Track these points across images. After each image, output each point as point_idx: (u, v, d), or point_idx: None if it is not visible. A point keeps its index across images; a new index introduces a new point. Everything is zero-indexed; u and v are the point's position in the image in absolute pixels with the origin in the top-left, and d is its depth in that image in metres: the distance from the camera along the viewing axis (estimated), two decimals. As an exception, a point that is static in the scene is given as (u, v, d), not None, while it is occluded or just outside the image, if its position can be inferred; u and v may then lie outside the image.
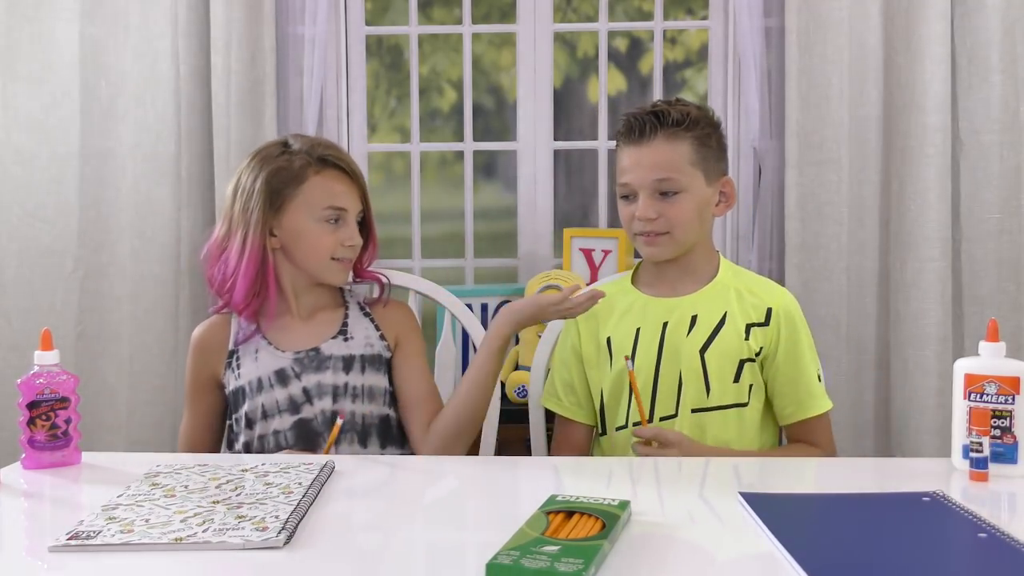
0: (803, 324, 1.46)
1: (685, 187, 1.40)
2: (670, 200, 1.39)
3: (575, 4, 2.45)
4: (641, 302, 1.48)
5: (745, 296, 1.44)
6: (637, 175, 1.40)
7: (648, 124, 1.39)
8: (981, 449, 1.08)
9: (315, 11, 2.11)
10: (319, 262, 1.44)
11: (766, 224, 2.11)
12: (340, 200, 1.43)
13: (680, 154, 1.40)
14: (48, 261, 2.13)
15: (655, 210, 1.39)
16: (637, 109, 1.44)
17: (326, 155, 1.44)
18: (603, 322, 1.48)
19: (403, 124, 2.42)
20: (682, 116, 1.40)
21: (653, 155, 1.39)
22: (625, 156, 1.43)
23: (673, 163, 1.39)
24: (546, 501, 0.95)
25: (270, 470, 1.13)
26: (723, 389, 1.40)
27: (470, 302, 2.09)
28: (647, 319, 1.45)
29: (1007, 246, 2.01)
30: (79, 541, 0.89)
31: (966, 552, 0.89)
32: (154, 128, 2.12)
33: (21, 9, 2.11)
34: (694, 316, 1.43)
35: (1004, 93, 1.99)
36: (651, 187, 1.39)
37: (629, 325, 1.46)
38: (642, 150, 1.40)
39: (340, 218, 1.43)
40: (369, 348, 1.46)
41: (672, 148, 1.39)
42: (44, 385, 1.19)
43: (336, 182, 1.44)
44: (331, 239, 1.43)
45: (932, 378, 1.98)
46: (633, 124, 1.41)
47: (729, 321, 1.42)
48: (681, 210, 1.40)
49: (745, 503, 0.99)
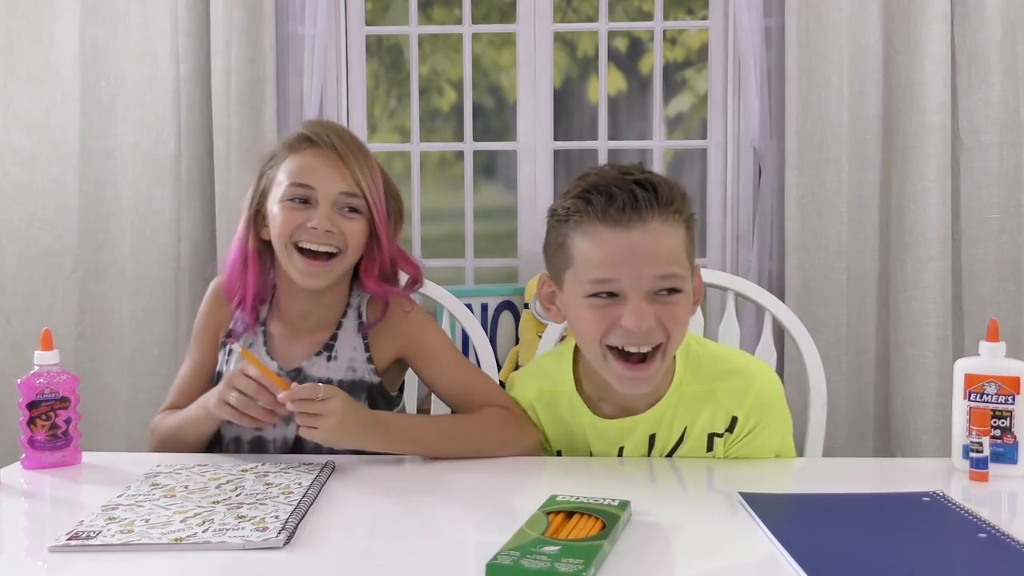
0: (776, 415, 1.21)
1: (684, 286, 1.09)
2: (668, 301, 1.08)
3: (575, 4, 2.45)
4: (589, 421, 1.21)
5: (706, 404, 1.19)
6: (631, 270, 1.06)
7: (640, 197, 1.06)
8: (981, 449, 1.08)
9: (315, 11, 2.11)
10: (280, 248, 1.24)
11: (766, 224, 2.11)
12: (306, 176, 1.23)
13: (678, 241, 1.09)
14: (48, 261, 2.13)
15: (652, 315, 1.07)
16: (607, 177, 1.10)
17: (304, 133, 1.26)
18: (550, 425, 1.26)
19: (403, 124, 2.42)
20: (672, 191, 1.09)
21: (652, 242, 1.06)
22: (605, 241, 1.07)
23: (674, 253, 1.08)
24: (546, 501, 0.95)
25: (270, 470, 1.13)
26: None
27: (470, 302, 2.09)
28: (600, 443, 1.22)
29: (1007, 246, 2.01)
30: (79, 541, 0.89)
31: (966, 552, 0.89)
32: (154, 128, 2.12)
33: (21, 9, 2.12)
34: (652, 435, 1.20)
35: (1004, 93, 1.99)
36: (648, 286, 1.07)
37: (579, 445, 1.23)
38: (633, 235, 1.05)
39: (308, 198, 1.23)
40: (351, 372, 1.30)
41: (670, 233, 1.08)
42: (44, 385, 1.19)
43: (309, 158, 1.24)
44: (290, 219, 1.22)
45: (932, 378, 1.98)
46: (617, 196, 1.06)
47: (689, 436, 1.20)
48: (680, 314, 1.09)
49: (745, 503, 0.99)
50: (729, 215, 2.24)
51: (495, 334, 2.19)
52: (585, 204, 1.08)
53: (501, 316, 2.21)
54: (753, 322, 1.99)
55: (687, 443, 1.20)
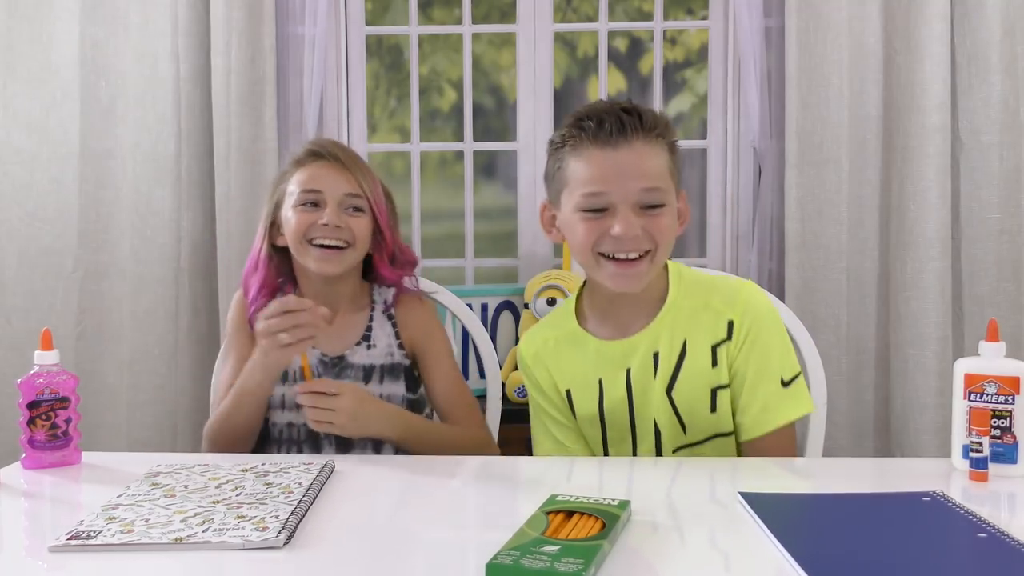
0: (770, 322, 1.27)
1: (668, 200, 1.21)
2: (653, 215, 1.19)
3: (575, 4, 2.45)
4: (594, 347, 1.29)
5: (702, 314, 1.26)
6: (618, 184, 1.17)
7: (626, 122, 1.18)
8: (981, 449, 1.08)
9: (315, 11, 2.11)
10: (297, 249, 1.41)
11: (766, 224, 2.11)
12: (315, 183, 1.40)
13: (662, 162, 1.20)
14: (48, 261, 2.13)
15: (639, 225, 1.18)
16: (596, 107, 1.21)
17: (309, 149, 1.45)
18: (555, 371, 1.33)
19: (403, 124, 2.42)
20: (656, 120, 1.21)
21: (637, 160, 1.18)
22: (594, 160, 1.19)
23: (658, 171, 1.19)
24: (546, 501, 0.95)
25: (270, 470, 1.13)
26: (699, 423, 1.27)
27: (470, 302, 2.09)
28: (606, 366, 1.29)
29: (1007, 246, 2.01)
30: (79, 541, 0.89)
31: (966, 552, 0.89)
32: (154, 128, 2.12)
33: (21, 9, 2.12)
34: (655, 353, 1.26)
35: (1004, 93, 1.99)
36: (635, 199, 1.18)
37: (588, 374, 1.30)
38: (621, 153, 1.17)
39: (317, 201, 1.40)
40: (389, 357, 1.45)
41: (654, 153, 1.19)
42: (44, 385, 1.19)
43: (315, 168, 1.42)
44: (302, 220, 1.39)
45: (932, 378, 1.98)
46: (605, 121, 1.18)
47: (691, 350, 1.25)
48: (665, 225, 1.20)
49: (745, 503, 0.99)
50: (729, 215, 2.24)
51: (495, 334, 2.19)
52: (578, 130, 1.20)
53: (501, 316, 2.21)
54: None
55: (690, 357, 1.25)
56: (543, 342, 1.35)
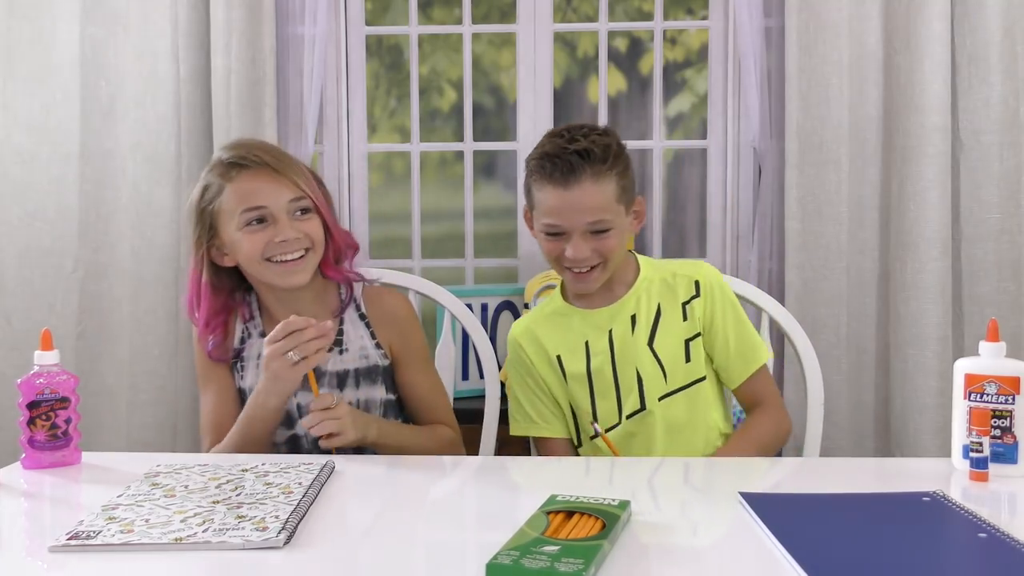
0: (728, 287, 1.51)
1: (614, 224, 1.40)
2: (601, 237, 1.40)
3: (575, 4, 2.45)
4: (580, 316, 1.49)
5: (670, 281, 1.49)
6: (569, 219, 1.39)
7: (575, 164, 1.37)
8: (981, 449, 1.08)
9: (315, 11, 2.11)
10: (255, 269, 1.36)
11: (766, 224, 2.11)
12: (255, 198, 1.33)
13: (608, 194, 1.39)
14: (48, 261, 2.13)
15: (588, 249, 1.40)
16: (555, 145, 1.40)
17: (232, 158, 1.36)
18: (547, 341, 1.50)
19: (403, 124, 2.42)
20: (605, 152, 1.39)
21: (584, 198, 1.37)
22: (550, 196, 1.39)
23: (603, 204, 1.39)
24: (546, 501, 0.95)
25: (270, 470, 1.13)
26: (677, 371, 1.45)
27: (470, 302, 2.09)
28: (592, 331, 1.48)
29: (1007, 246, 2.01)
30: (79, 541, 0.89)
31: (966, 552, 0.89)
32: (154, 128, 2.12)
33: (21, 9, 2.12)
34: (633, 315, 1.47)
35: (1004, 93, 1.99)
36: (584, 228, 1.39)
37: (576, 339, 1.48)
38: (571, 192, 1.37)
39: (264, 217, 1.34)
40: (364, 360, 1.42)
41: (600, 190, 1.38)
42: (44, 385, 1.19)
43: (251, 181, 1.34)
44: (257, 240, 1.33)
45: (932, 378, 1.98)
46: (558, 164, 1.37)
47: (664, 311, 1.47)
48: (611, 244, 1.41)
49: (745, 503, 0.99)
50: (729, 215, 2.24)
51: (495, 334, 2.19)
52: (540, 168, 1.41)
53: (501, 316, 2.21)
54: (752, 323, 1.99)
55: (665, 316, 1.47)
56: (533, 319, 1.54)
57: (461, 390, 2.09)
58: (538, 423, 1.50)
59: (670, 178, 2.41)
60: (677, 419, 1.44)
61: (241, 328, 1.45)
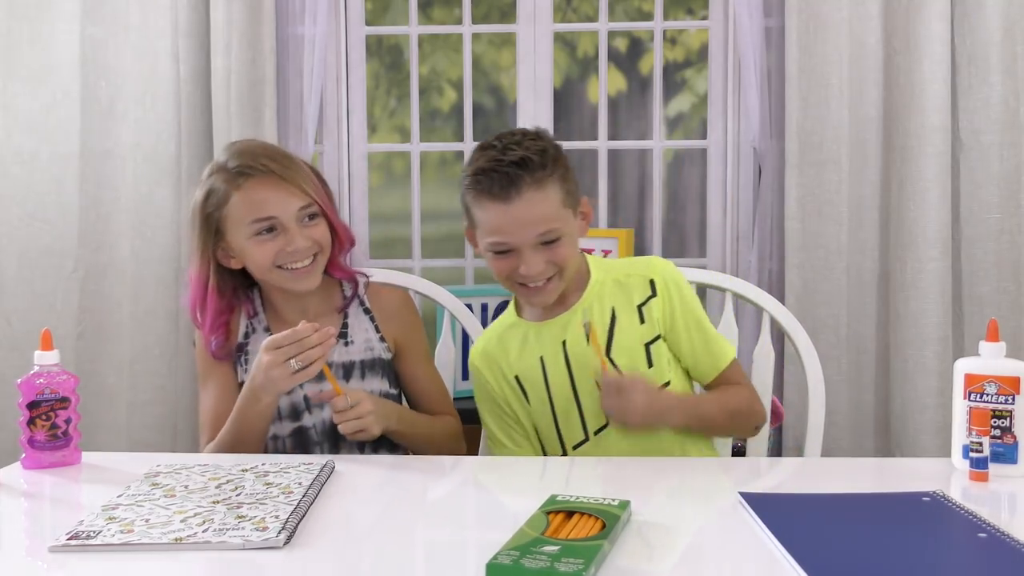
0: (685, 283, 1.42)
1: (564, 232, 1.32)
2: (553, 247, 1.31)
3: (575, 4, 2.45)
4: (534, 331, 1.42)
5: (623, 282, 1.41)
6: (516, 235, 1.29)
7: (514, 176, 1.28)
8: (981, 449, 1.08)
9: (315, 11, 2.11)
10: (267, 276, 1.37)
11: (766, 224, 2.11)
12: (264, 209, 1.34)
13: (553, 201, 1.31)
14: (48, 261, 2.13)
15: (542, 262, 1.31)
16: (489, 159, 1.31)
17: (239, 166, 1.35)
18: (503, 362, 1.42)
19: (403, 124, 2.42)
20: (542, 156, 1.30)
21: (529, 210, 1.28)
22: (492, 214, 1.30)
23: (550, 214, 1.30)
24: (546, 501, 0.95)
25: (270, 470, 1.13)
26: None
27: (470, 302, 2.09)
28: (545, 344, 1.40)
29: (1007, 246, 2.01)
30: (79, 541, 0.89)
31: (966, 552, 0.89)
32: (154, 128, 2.12)
33: (21, 9, 2.12)
34: (586, 324, 1.37)
35: (1004, 93, 1.99)
36: (533, 241, 1.30)
37: (531, 357, 1.41)
38: (513, 206, 1.28)
39: (274, 226, 1.34)
40: (369, 352, 1.43)
41: (544, 197, 1.29)
42: (44, 385, 1.19)
43: (259, 191, 1.34)
44: (268, 249, 1.34)
45: (932, 378, 1.98)
46: (495, 178, 1.28)
47: (619, 315, 1.39)
48: (564, 253, 1.33)
49: (745, 503, 0.99)
50: (729, 215, 2.24)
51: (495, 334, 2.19)
52: (476, 184, 1.32)
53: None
54: (752, 323, 1.99)
55: (620, 321, 1.38)
56: (488, 340, 1.47)
57: (461, 390, 2.08)
58: (510, 448, 1.44)
59: (670, 178, 2.41)
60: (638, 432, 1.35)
61: (245, 323, 1.45)
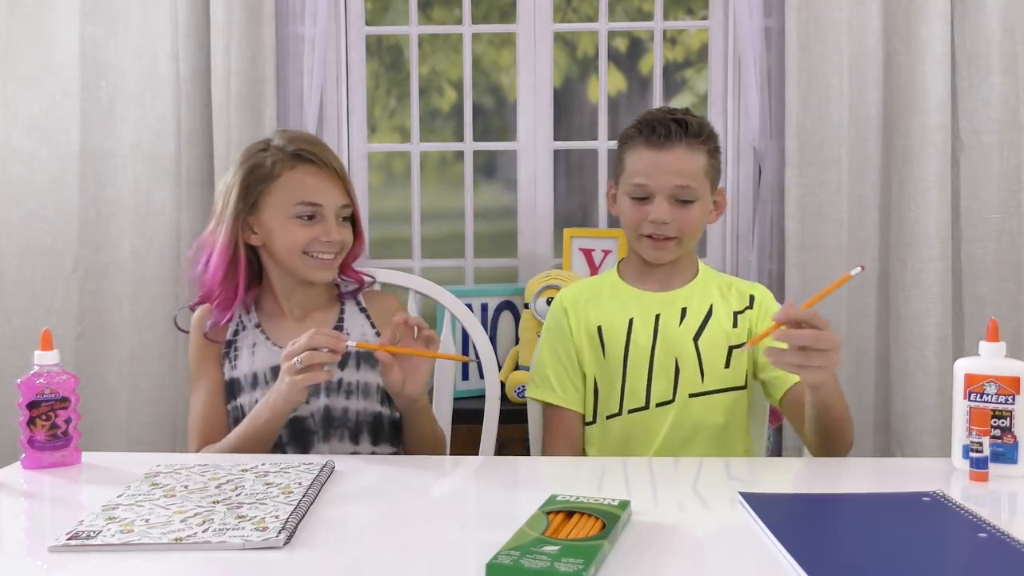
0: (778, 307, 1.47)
1: (699, 196, 1.44)
2: (684, 207, 1.43)
3: (575, 4, 2.44)
4: (632, 294, 1.51)
5: (726, 291, 1.52)
6: (658, 179, 1.42)
7: (673, 130, 1.42)
8: (981, 449, 1.08)
9: (315, 11, 2.11)
10: (293, 259, 1.40)
11: (766, 224, 2.11)
12: (314, 195, 1.39)
13: (698, 164, 1.44)
14: (48, 261, 2.13)
15: (670, 215, 1.42)
16: (654, 114, 1.46)
17: (300, 150, 1.39)
18: (592, 311, 1.51)
19: (403, 124, 2.42)
20: (700, 128, 1.44)
21: (676, 161, 1.42)
22: (642, 157, 1.44)
23: (693, 172, 1.43)
24: (546, 501, 0.95)
25: (270, 470, 1.13)
26: (716, 374, 1.46)
27: (470, 302, 2.09)
28: (640, 310, 1.49)
29: (1007, 246, 2.01)
30: (79, 541, 0.89)
31: (966, 552, 0.89)
32: (154, 128, 2.12)
33: (21, 9, 2.12)
34: (684, 308, 1.48)
35: (1004, 93, 1.99)
36: (670, 192, 1.42)
37: (621, 315, 1.49)
38: (664, 154, 1.42)
39: (316, 214, 1.39)
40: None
41: (693, 157, 1.43)
42: (44, 385, 1.19)
43: (310, 177, 1.39)
44: (304, 234, 1.38)
45: (932, 378, 1.98)
46: (656, 127, 1.42)
47: (715, 313, 1.48)
48: (693, 218, 1.44)
49: (745, 503, 0.99)
50: (729, 215, 2.23)
51: (495, 334, 2.19)
52: (636, 132, 1.46)
53: (501, 316, 2.21)
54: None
55: (715, 317, 1.48)
56: (585, 287, 1.57)
57: (461, 390, 2.09)
58: (556, 391, 1.49)
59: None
60: (697, 422, 1.44)
61: (236, 321, 1.46)
